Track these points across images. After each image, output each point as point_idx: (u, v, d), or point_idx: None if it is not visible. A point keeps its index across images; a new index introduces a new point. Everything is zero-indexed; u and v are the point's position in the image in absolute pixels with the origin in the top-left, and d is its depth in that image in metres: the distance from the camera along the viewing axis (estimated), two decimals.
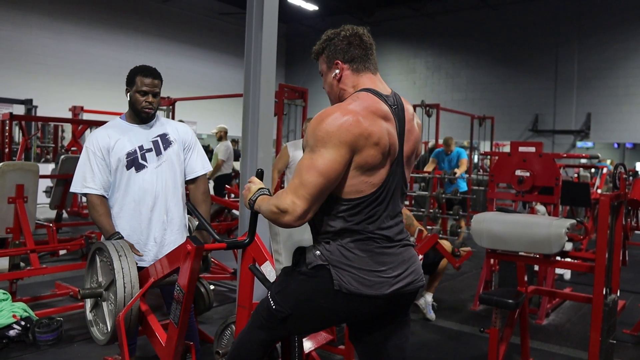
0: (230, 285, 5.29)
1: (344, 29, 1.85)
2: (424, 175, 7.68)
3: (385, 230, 1.76)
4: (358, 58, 1.83)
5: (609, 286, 3.43)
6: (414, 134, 1.85)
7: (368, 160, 1.66)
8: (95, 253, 2.55)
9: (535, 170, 4.70)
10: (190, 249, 2.04)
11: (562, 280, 6.12)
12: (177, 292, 2.14)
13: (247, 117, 3.36)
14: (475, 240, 3.62)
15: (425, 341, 4.13)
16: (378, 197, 1.73)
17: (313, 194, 1.63)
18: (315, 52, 1.91)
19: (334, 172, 1.63)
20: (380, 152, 1.68)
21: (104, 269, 2.50)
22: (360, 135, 1.63)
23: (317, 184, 1.62)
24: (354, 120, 1.64)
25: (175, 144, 2.81)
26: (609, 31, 14.41)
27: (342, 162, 1.63)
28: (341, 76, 1.83)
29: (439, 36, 17.44)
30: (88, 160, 2.67)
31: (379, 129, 1.68)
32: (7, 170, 4.38)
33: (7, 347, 3.59)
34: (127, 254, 2.40)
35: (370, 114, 1.68)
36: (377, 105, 1.72)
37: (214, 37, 18.19)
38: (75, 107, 10.97)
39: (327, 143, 1.62)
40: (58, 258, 5.64)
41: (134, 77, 2.71)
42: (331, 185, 1.66)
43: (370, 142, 1.65)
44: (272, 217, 1.71)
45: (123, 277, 2.32)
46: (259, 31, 3.27)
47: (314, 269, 1.74)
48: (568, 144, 15.28)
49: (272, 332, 1.89)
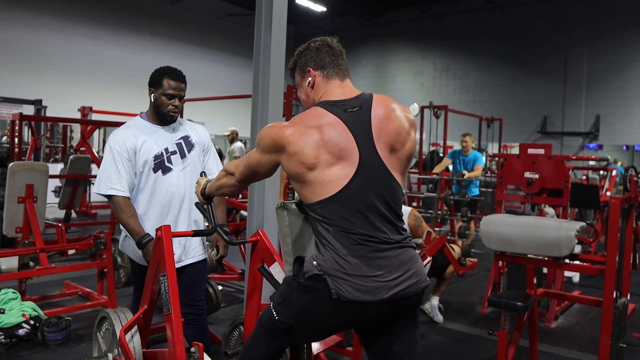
0: (238, 286, 5.30)
1: (314, 41, 1.98)
2: (432, 176, 7.64)
3: (377, 232, 1.76)
4: (328, 64, 1.93)
5: (619, 289, 3.41)
6: (389, 128, 1.83)
7: (289, 170, 1.80)
8: (97, 331, 2.70)
9: (544, 173, 4.68)
10: (160, 234, 2.19)
11: (570, 283, 6.08)
12: (163, 282, 2.19)
13: (256, 118, 3.36)
14: (484, 242, 3.60)
15: (433, 344, 4.12)
16: (348, 196, 1.74)
17: (246, 174, 1.97)
18: (290, 68, 2.06)
19: (259, 168, 1.90)
20: (299, 162, 1.75)
21: (106, 337, 2.61)
22: (277, 143, 1.79)
23: (247, 171, 1.96)
24: (277, 132, 1.80)
25: (197, 146, 2.81)
26: (618, 33, 14.32)
27: (265, 162, 1.87)
28: (314, 82, 1.94)
29: (447, 38, 17.40)
30: (113, 161, 2.61)
31: (304, 140, 1.76)
32: (17, 170, 4.41)
33: (16, 346, 3.61)
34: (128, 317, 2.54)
35: (302, 127, 1.78)
36: (314, 117, 1.80)
37: (222, 38, 18.24)
38: (84, 108, 11.05)
39: (257, 145, 1.87)
40: (67, 258, 5.67)
41: (160, 78, 2.65)
42: (260, 175, 1.95)
43: (287, 152, 1.77)
44: (221, 181, 2.08)
45: (119, 320, 2.49)
46: (267, 33, 3.28)
47: (312, 280, 1.75)
48: (577, 146, 15.20)
49: (277, 342, 1.91)
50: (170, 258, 2.19)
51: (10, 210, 4.40)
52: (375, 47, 18.99)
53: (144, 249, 2.55)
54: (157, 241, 2.21)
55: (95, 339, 2.71)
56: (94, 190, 2.69)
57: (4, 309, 3.71)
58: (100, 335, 2.66)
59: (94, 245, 4.46)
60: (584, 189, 5.90)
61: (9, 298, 3.85)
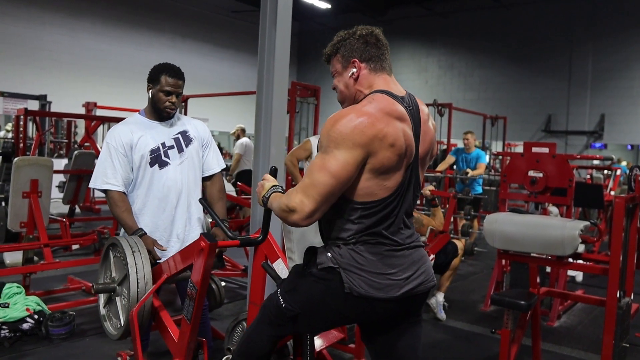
0: (241, 282, 5.31)
1: (360, 29, 1.82)
2: (436, 174, 7.62)
3: (396, 234, 1.76)
4: (375, 57, 1.80)
5: (623, 289, 3.40)
6: (429, 135, 1.84)
7: (384, 163, 1.64)
8: (109, 248, 2.57)
9: (548, 171, 4.67)
10: (204, 246, 2.05)
11: (573, 282, 6.08)
12: (190, 289, 2.15)
13: (260, 114, 3.36)
14: (488, 241, 3.60)
15: (435, 341, 4.12)
16: (392, 200, 1.72)
17: (323, 194, 1.61)
18: (328, 54, 1.87)
19: (346, 174, 1.61)
20: (397, 154, 1.65)
21: (117, 264, 2.51)
22: (374, 137, 1.61)
23: (327, 185, 1.61)
24: (368, 122, 1.62)
25: (195, 141, 2.82)
26: (624, 31, 14.27)
27: (354, 164, 1.61)
28: (358, 75, 1.79)
29: (451, 35, 17.37)
30: (109, 156, 2.64)
31: (394, 130, 1.65)
32: (22, 165, 4.43)
33: (20, 340, 3.62)
34: (141, 250, 2.41)
35: (386, 116, 1.66)
36: (392, 106, 1.69)
37: (226, 35, 18.26)
38: (88, 103, 11.06)
39: (340, 145, 1.60)
40: (71, 253, 5.69)
41: (158, 75, 2.67)
42: (342, 187, 1.64)
43: (385, 144, 1.62)
44: (281, 215, 1.71)
45: (137, 273, 2.33)
46: (272, 29, 3.28)
47: (324, 271, 1.74)
48: (581, 145, 15.17)
49: (280, 329, 1.90)
50: (207, 274, 2.12)
51: (15, 205, 4.42)
52: None
53: None
54: (200, 251, 2.08)
55: (106, 259, 2.59)
56: (90, 184, 2.71)
57: (9, 303, 3.72)
58: (112, 256, 2.55)
59: (97, 241, 4.48)
60: (588, 188, 5.89)
61: (13, 292, 3.87)
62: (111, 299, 2.55)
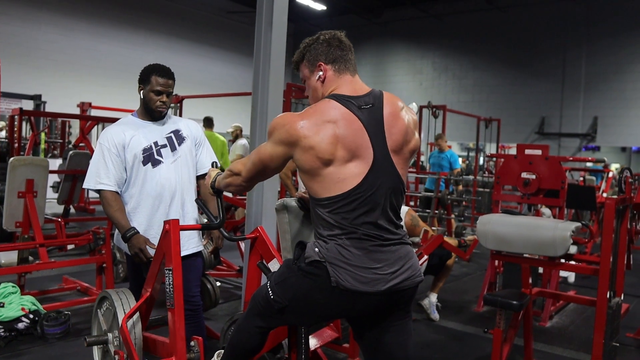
0: (236, 283, 5.32)
1: (323, 33, 1.93)
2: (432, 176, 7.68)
3: (379, 229, 1.80)
4: (339, 58, 1.89)
5: (613, 289, 3.45)
6: (397, 127, 1.85)
7: (304, 164, 1.78)
8: (97, 309, 2.69)
9: (541, 173, 4.71)
10: (168, 227, 2.18)
11: (566, 283, 6.12)
12: (167, 275, 2.21)
13: (256, 115, 3.39)
14: (481, 242, 3.63)
15: (428, 341, 4.15)
16: (360, 195, 1.76)
17: (254, 171, 1.93)
18: (296, 61, 1.99)
19: (271, 162, 1.86)
20: (316, 157, 1.74)
21: (106, 316, 2.60)
22: (292, 136, 1.76)
23: (258, 165, 1.90)
24: (292, 123, 1.77)
25: (188, 139, 2.85)
26: (617, 35, 14.37)
27: (277, 156, 1.83)
28: (325, 77, 1.90)
29: (446, 38, 17.44)
30: (102, 157, 2.67)
31: (320, 134, 1.74)
32: (18, 165, 4.43)
33: (15, 340, 3.63)
34: (129, 297, 2.54)
35: (318, 120, 1.76)
36: (329, 110, 1.78)
37: (222, 36, 18.26)
38: (83, 104, 11.04)
39: (270, 137, 1.84)
40: (66, 253, 5.69)
41: (149, 75, 2.71)
42: (270, 170, 1.91)
43: (302, 146, 1.75)
44: (228, 180, 2.06)
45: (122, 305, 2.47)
46: (268, 30, 3.30)
47: (312, 265, 1.79)
48: (574, 147, 15.25)
49: (268, 320, 1.96)
50: (177, 252, 2.19)
51: (10, 205, 4.42)
52: (374, 46, 19.01)
53: (128, 242, 2.61)
54: (165, 234, 2.20)
55: (95, 318, 2.69)
56: (84, 185, 2.73)
57: (4, 303, 3.73)
58: (100, 314, 2.64)
59: (93, 241, 4.49)
60: (581, 190, 5.93)
61: (9, 292, 3.87)
62: (106, 351, 2.61)
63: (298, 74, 2.04)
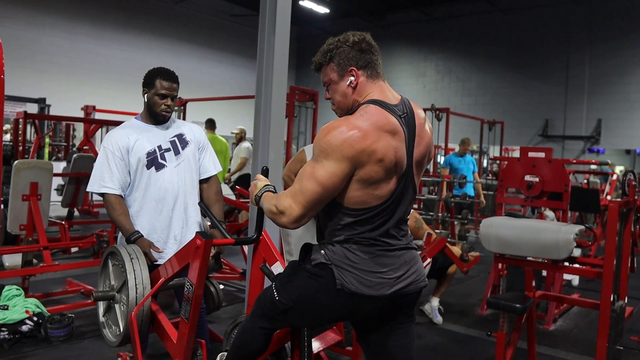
0: (239, 285, 5.33)
1: (352, 35, 1.82)
2: (435, 179, 7.67)
3: (390, 238, 1.80)
4: (371, 64, 1.81)
5: (617, 292, 3.43)
6: (424, 139, 1.85)
7: (371, 176, 1.67)
8: (108, 257, 2.61)
9: (545, 176, 4.70)
10: (200, 244, 2.08)
11: (570, 286, 6.11)
12: (187, 288, 2.18)
13: (259, 118, 3.40)
14: (484, 245, 3.63)
15: (432, 344, 4.15)
16: (385, 208, 1.76)
17: (309, 201, 1.68)
18: (319, 62, 1.85)
19: (332, 185, 1.67)
20: (384, 168, 1.68)
21: (116, 272, 2.54)
22: (363, 151, 1.64)
23: (315, 192, 1.67)
24: (358, 136, 1.64)
25: (192, 143, 2.86)
26: (620, 37, 14.34)
27: (341, 175, 1.66)
28: (357, 84, 1.79)
29: (449, 40, 17.43)
30: (106, 160, 2.68)
31: (384, 145, 1.67)
32: (22, 168, 4.45)
33: (19, 342, 3.64)
34: (139, 257, 2.44)
35: (377, 130, 1.67)
36: (385, 119, 1.70)
37: (225, 39, 18.29)
38: (87, 107, 11.06)
39: (329, 155, 1.65)
40: (70, 255, 5.71)
41: (153, 79, 2.71)
42: (329, 195, 1.69)
43: (373, 159, 1.65)
44: (271, 216, 1.79)
45: (135, 278, 2.37)
46: (271, 33, 3.31)
47: (317, 267, 1.79)
48: (578, 150, 15.21)
49: (273, 322, 1.95)
50: (204, 272, 2.14)
51: (14, 208, 4.44)
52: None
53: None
54: (196, 249, 2.11)
55: (105, 268, 2.61)
56: (88, 188, 2.74)
57: (8, 306, 3.74)
58: (111, 264, 2.57)
59: (96, 243, 4.50)
60: (584, 192, 5.91)
61: (13, 295, 3.89)
62: (110, 307, 2.58)
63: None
